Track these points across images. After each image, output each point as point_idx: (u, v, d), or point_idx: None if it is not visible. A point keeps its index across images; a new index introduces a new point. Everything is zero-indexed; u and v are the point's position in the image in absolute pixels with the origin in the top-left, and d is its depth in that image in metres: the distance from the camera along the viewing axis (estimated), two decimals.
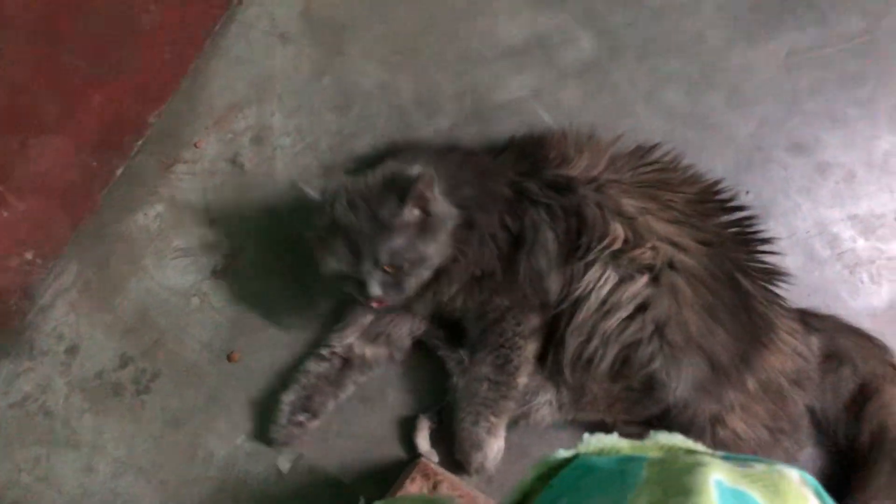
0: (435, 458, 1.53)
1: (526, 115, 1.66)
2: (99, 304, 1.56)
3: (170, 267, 1.59)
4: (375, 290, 1.35)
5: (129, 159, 1.62)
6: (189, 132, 1.65)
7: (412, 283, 1.38)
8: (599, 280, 1.42)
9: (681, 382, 1.42)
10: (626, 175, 1.48)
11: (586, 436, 0.90)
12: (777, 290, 1.50)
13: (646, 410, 1.48)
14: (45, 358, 1.53)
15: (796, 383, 1.46)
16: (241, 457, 1.48)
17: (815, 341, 1.51)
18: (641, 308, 1.42)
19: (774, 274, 1.51)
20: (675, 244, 1.43)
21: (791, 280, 1.51)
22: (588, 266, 1.42)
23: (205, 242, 1.61)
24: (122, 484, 1.46)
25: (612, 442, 0.89)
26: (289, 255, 1.58)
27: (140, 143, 1.64)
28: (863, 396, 1.46)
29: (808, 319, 1.54)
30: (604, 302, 1.43)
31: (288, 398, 1.49)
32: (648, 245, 1.43)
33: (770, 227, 1.57)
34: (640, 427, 1.46)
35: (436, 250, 1.37)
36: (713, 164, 1.62)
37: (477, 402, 1.45)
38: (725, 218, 1.50)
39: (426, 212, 1.36)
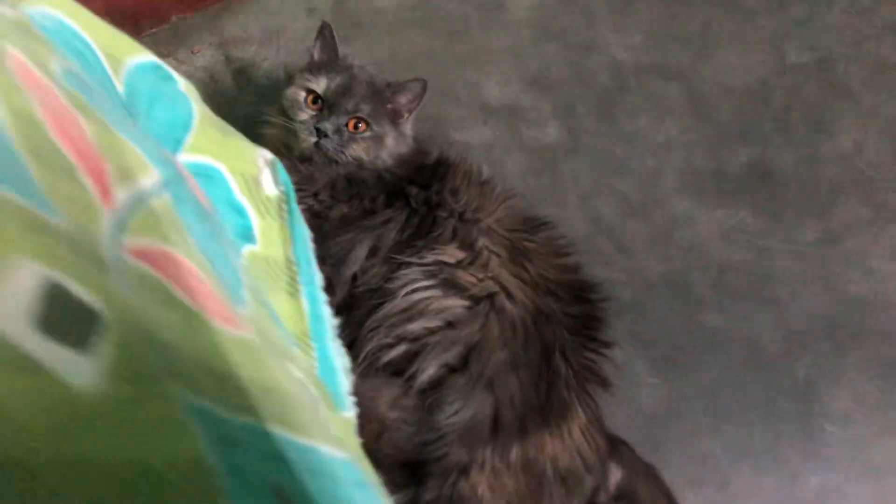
0: None
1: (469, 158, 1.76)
2: None
3: None
4: (330, 126, 1.49)
5: (136, 37, 1.84)
6: (194, 40, 1.87)
7: (355, 149, 1.51)
8: (416, 283, 1.45)
9: (462, 415, 1.39)
10: (500, 228, 1.52)
11: None
12: (593, 395, 1.46)
13: (415, 437, 1.44)
14: None
15: (562, 482, 1.40)
16: None
17: (616, 472, 1.46)
18: (450, 325, 1.43)
19: (596, 376, 1.48)
20: (506, 290, 1.45)
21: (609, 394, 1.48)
22: (410, 266, 1.46)
23: None
24: None
25: None
26: None
27: (154, 30, 1.87)
28: None
29: (623, 450, 1.49)
30: (412, 305, 1.45)
31: None
32: (479, 276, 1.45)
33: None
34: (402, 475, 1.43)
35: (386, 145, 1.54)
36: (610, 288, 1.64)
37: None
38: (576, 306, 1.50)
39: (399, 114, 1.57)
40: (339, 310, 1.52)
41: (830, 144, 1.86)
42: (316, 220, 1.52)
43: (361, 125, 1.52)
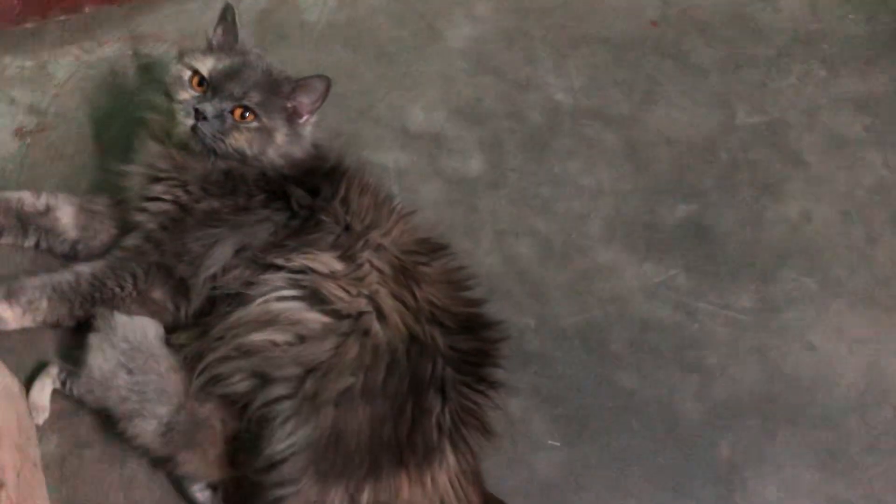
0: (42, 417, 1.33)
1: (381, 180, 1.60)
2: None
3: None
4: (210, 108, 1.32)
5: (45, 21, 1.73)
6: (104, 33, 1.75)
7: (236, 140, 1.34)
8: (277, 291, 1.27)
9: (295, 437, 1.19)
10: (392, 247, 1.35)
11: None
12: (471, 442, 1.25)
13: (251, 465, 1.23)
14: None
15: None
16: None
17: None
18: (298, 339, 1.23)
19: (478, 421, 1.27)
20: (379, 311, 1.26)
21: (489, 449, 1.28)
22: (275, 270, 1.28)
23: (34, 105, 1.64)
24: None
25: None
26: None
27: (63, 17, 1.75)
28: None
29: None
30: (265, 314, 1.26)
31: None
32: (352, 291, 1.27)
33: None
34: None
35: (276, 142, 1.38)
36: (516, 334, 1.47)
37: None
38: (466, 341, 1.31)
39: (298, 114, 1.41)
40: (194, 317, 1.35)
41: (776, 210, 1.71)
42: (180, 212, 1.35)
43: (249, 115, 1.36)
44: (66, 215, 1.46)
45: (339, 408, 1.18)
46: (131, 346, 1.30)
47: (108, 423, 1.30)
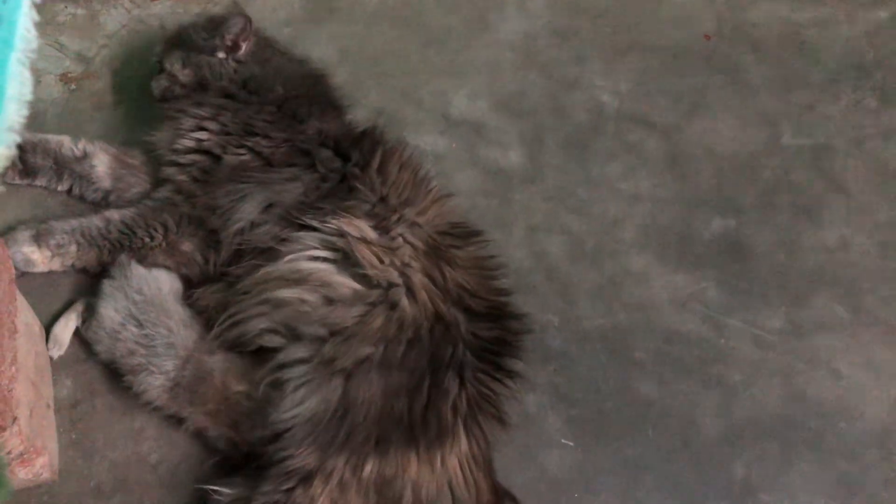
0: (58, 352, 1.33)
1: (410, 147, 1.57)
2: None
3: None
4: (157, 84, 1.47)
5: None
6: None
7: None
8: (309, 249, 1.26)
9: (302, 408, 1.18)
10: (427, 226, 1.34)
11: None
12: (485, 429, 1.24)
13: (253, 430, 1.21)
14: None
15: None
16: None
17: None
18: (327, 301, 1.23)
19: (494, 409, 1.26)
20: (409, 286, 1.25)
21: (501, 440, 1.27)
22: (309, 230, 1.27)
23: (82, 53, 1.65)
24: None
25: None
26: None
27: None
28: None
29: None
30: (295, 272, 1.25)
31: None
32: (384, 259, 1.26)
33: None
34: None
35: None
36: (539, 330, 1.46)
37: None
38: (489, 328, 1.29)
39: (235, 57, 1.45)
40: (221, 268, 1.35)
41: (815, 234, 1.67)
42: (211, 163, 1.37)
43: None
44: (102, 164, 1.46)
45: (351, 379, 1.17)
46: (144, 299, 1.29)
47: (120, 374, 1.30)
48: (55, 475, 1.24)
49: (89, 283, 1.39)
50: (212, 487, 1.20)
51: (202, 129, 1.37)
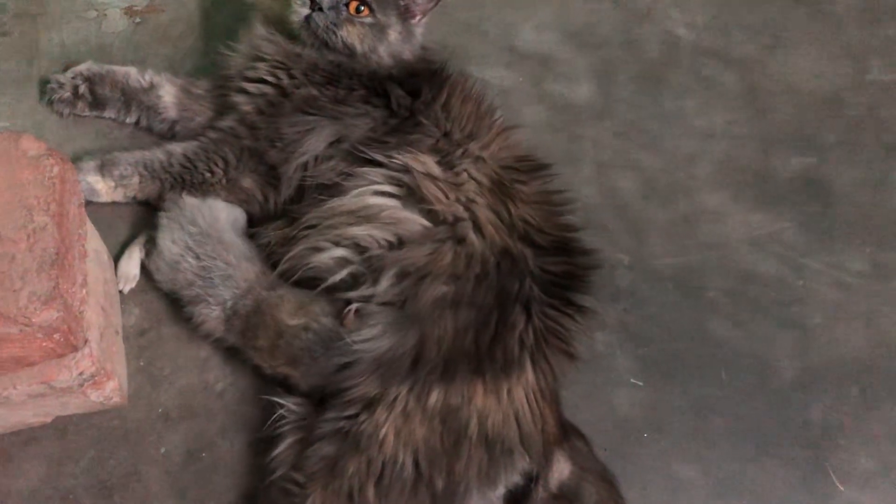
0: (129, 286, 1.34)
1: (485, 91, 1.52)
2: None
3: None
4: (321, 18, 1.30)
5: None
6: None
7: (349, 33, 1.31)
8: (375, 185, 1.23)
9: (379, 342, 1.16)
10: (491, 160, 1.30)
11: None
12: (552, 363, 1.20)
13: (314, 362, 1.20)
14: None
15: (486, 446, 1.15)
16: None
17: (563, 467, 1.20)
18: (398, 241, 1.20)
19: (562, 342, 1.22)
20: (475, 221, 1.22)
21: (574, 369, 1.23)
22: (374, 165, 1.24)
23: None
24: None
25: None
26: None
27: None
28: None
29: (578, 446, 1.24)
30: (363, 208, 1.22)
31: (81, 67, 1.46)
32: (450, 195, 1.22)
33: None
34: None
35: (389, 39, 1.35)
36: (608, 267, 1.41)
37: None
38: (557, 263, 1.25)
39: (412, 14, 1.37)
40: (283, 207, 1.33)
41: None
42: (279, 96, 1.33)
43: (364, 9, 1.32)
44: (168, 94, 1.45)
45: (427, 321, 1.15)
46: (200, 231, 1.29)
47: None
48: (125, 400, 1.26)
49: (153, 217, 1.39)
50: (278, 400, 1.19)
51: (289, 71, 1.33)
